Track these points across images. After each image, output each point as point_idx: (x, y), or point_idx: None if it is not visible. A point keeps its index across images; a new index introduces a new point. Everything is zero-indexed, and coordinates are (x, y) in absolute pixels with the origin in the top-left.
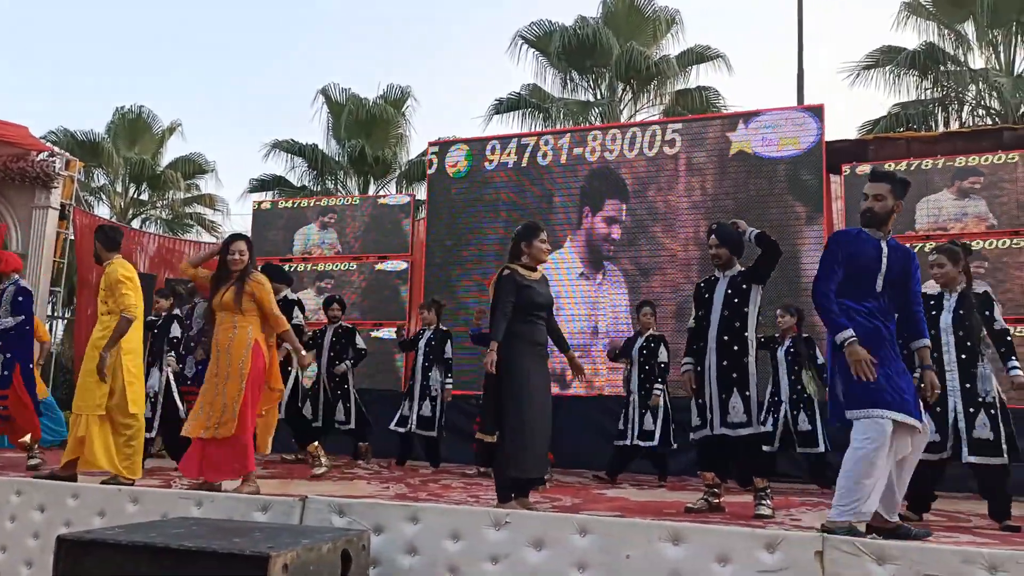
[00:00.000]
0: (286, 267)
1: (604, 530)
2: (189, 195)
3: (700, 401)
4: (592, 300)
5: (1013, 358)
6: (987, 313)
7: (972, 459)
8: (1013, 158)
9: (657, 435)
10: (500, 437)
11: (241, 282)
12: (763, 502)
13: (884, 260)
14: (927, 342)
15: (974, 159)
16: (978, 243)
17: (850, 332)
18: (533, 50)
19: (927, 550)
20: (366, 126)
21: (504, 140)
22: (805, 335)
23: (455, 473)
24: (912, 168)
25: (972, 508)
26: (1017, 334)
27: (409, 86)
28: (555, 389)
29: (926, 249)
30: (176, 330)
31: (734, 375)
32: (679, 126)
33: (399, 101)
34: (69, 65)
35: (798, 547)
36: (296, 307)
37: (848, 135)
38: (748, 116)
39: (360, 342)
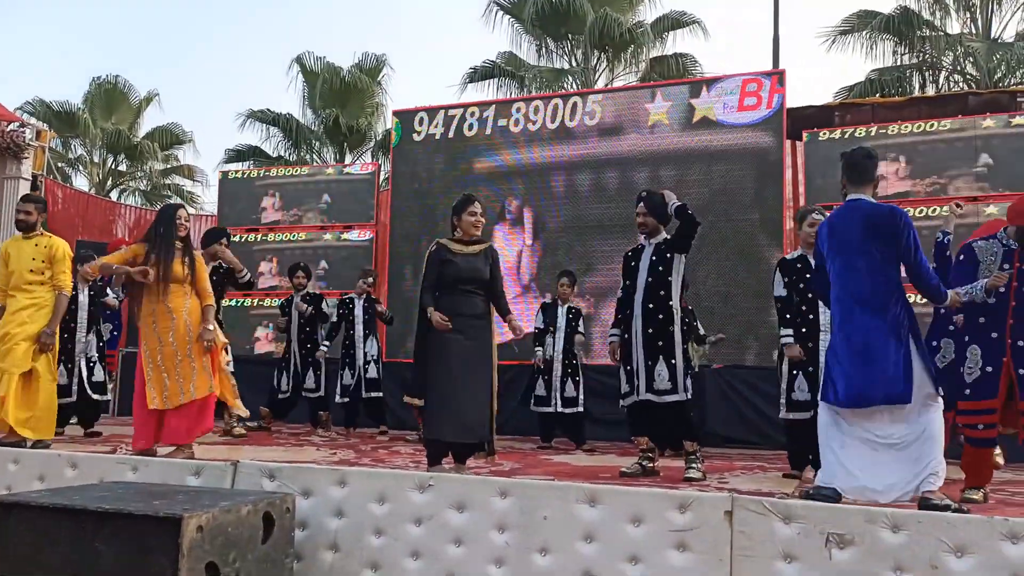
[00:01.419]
0: (253, 237)
1: (523, 492)
2: (167, 166)
3: (628, 368)
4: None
5: None
6: None
7: None
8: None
9: (580, 401)
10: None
11: (190, 255)
12: (693, 465)
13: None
14: None
15: (929, 126)
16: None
17: None
18: (508, 17)
19: (832, 509)
20: (341, 95)
21: (470, 108)
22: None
23: (408, 440)
24: (874, 133)
25: None
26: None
27: (384, 55)
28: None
29: None
30: (110, 298)
31: (660, 343)
32: (645, 92)
33: (374, 70)
34: (44, 35)
35: (709, 507)
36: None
37: (827, 101)
38: (711, 82)
39: (327, 307)
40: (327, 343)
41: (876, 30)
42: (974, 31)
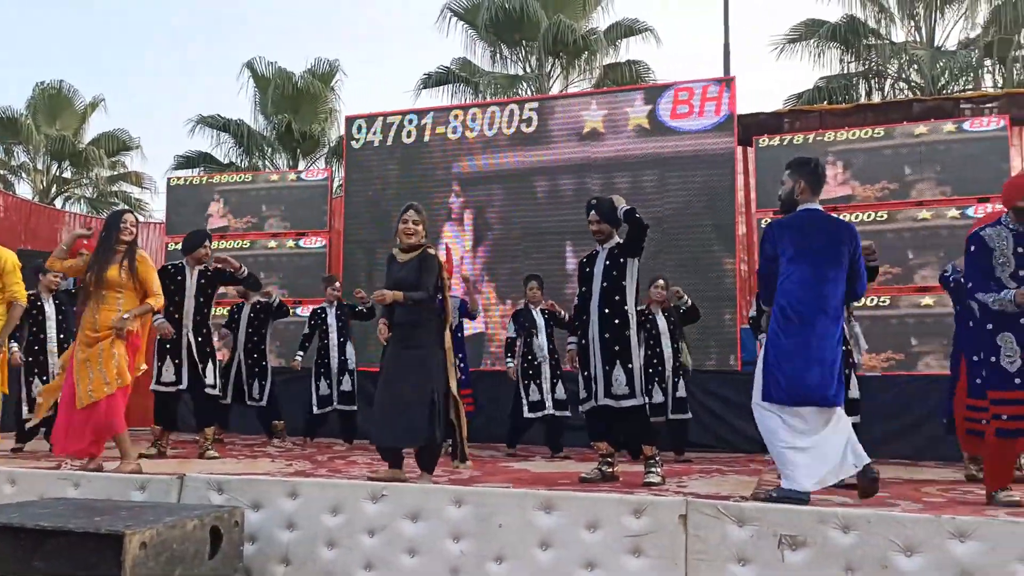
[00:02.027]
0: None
1: (478, 500)
2: (114, 172)
3: (586, 373)
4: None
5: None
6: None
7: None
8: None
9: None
10: None
11: (131, 259)
12: (652, 470)
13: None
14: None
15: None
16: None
17: None
18: (462, 23)
19: (784, 511)
20: (293, 101)
21: (424, 113)
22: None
23: (369, 449)
24: (822, 140)
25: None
26: (882, 304)
27: (337, 60)
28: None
29: None
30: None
31: (616, 347)
32: (597, 98)
33: (327, 75)
34: None
35: (664, 511)
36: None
37: (777, 107)
38: (662, 88)
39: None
40: (300, 353)
41: (823, 38)
42: (918, 39)
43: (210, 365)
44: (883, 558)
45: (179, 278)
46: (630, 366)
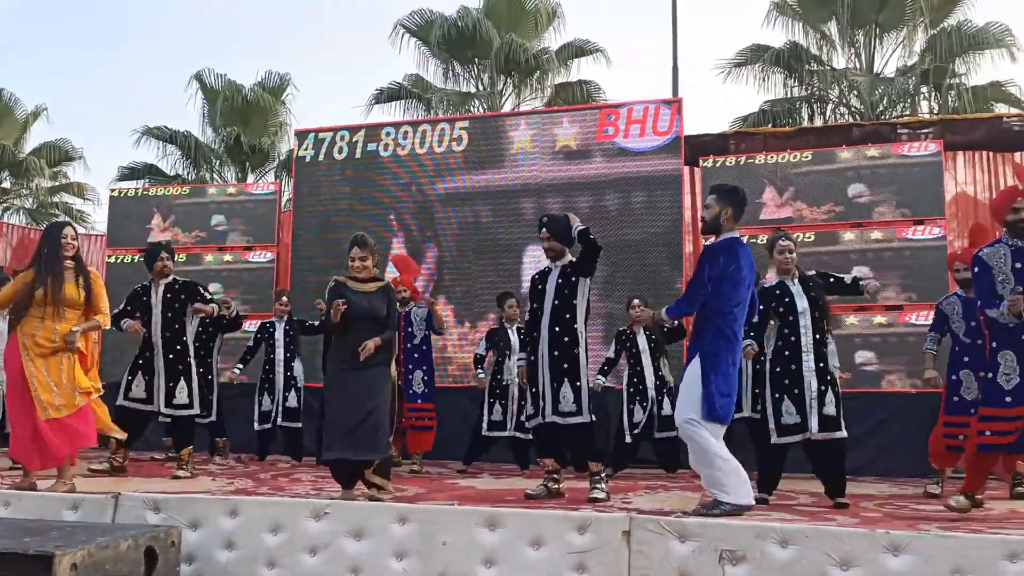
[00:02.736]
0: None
1: (422, 518)
2: (55, 183)
3: (534, 390)
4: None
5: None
6: (832, 280)
7: (820, 436)
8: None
9: (507, 424)
10: None
11: (85, 276)
12: (597, 486)
13: None
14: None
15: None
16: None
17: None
18: (415, 39)
19: (725, 526)
20: (243, 113)
21: (374, 129)
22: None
23: (315, 467)
24: (765, 162)
25: (805, 487)
26: (860, 323)
27: (288, 74)
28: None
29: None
30: None
31: (565, 365)
32: (547, 117)
33: (278, 89)
34: None
35: (607, 528)
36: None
37: (723, 129)
38: (611, 108)
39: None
40: (240, 365)
41: (768, 63)
42: (858, 66)
43: (182, 383)
44: (820, 572)
45: (144, 297)
46: (578, 384)
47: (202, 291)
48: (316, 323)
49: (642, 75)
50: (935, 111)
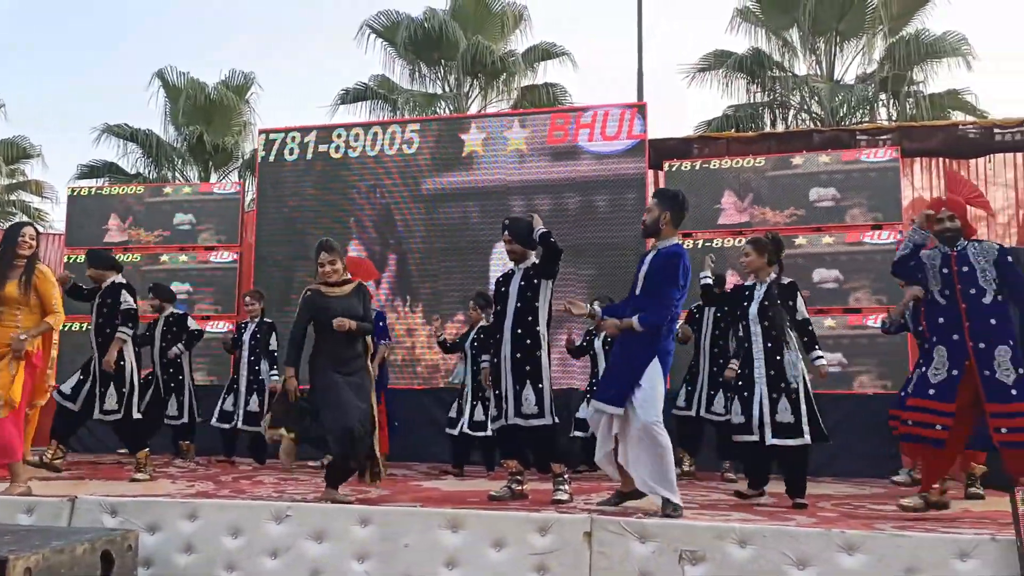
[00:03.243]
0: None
1: (384, 520)
2: (13, 181)
3: (497, 392)
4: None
5: (816, 347)
6: (790, 303)
7: (775, 441)
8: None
9: (489, 425)
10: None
11: (30, 274)
12: (561, 487)
13: (645, 265)
14: (631, 321)
15: (777, 160)
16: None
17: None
18: (381, 40)
19: (685, 527)
20: (206, 112)
21: (339, 129)
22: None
23: (276, 469)
24: (728, 166)
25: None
26: (819, 326)
27: (253, 72)
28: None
29: (738, 244)
30: None
31: (527, 367)
32: (512, 119)
33: (242, 88)
34: None
35: (569, 529)
36: (125, 291)
37: (688, 133)
38: (576, 111)
39: (193, 324)
40: (180, 346)
41: (731, 69)
42: (819, 73)
43: (111, 388)
44: (777, 571)
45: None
46: (540, 386)
47: (125, 299)
48: (274, 349)
49: (608, 79)
50: (893, 118)
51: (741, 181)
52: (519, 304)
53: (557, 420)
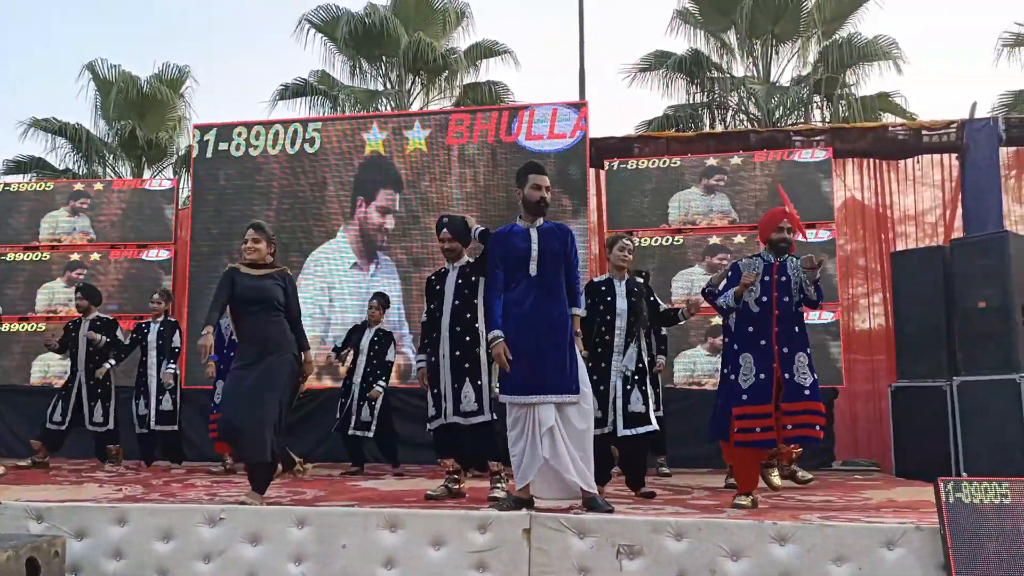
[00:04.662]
0: (33, 256)
1: (321, 520)
2: None
3: (435, 391)
4: (365, 291)
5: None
6: (652, 299)
7: (626, 432)
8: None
9: (373, 425)
10: None
11: None
12: (497, 485)
13: (534, 245)
14: (579, 311)
15: (715, 159)
16: (716, 237)
17: (497, 333)
18: (320, 35)
19: (622, 522)
20: (138, 106)
21: (276, 125)
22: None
23: (202, 470)
24: (667, 166)
25: (700, 482)
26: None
27: (188, 66)
28: (328, 382)
29: (677, 242)
30: None
31: (466, 365)
32: (454, 116)
33: (177, 82)
34: None
35: (507, 526)
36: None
37: (628, 132)
38: (519, 109)
39: (121, 334)
40: (112, 361)
41: (671, 69)
42: (756, 75)
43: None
44: (711, 562)
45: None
46: (479, 383)
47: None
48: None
49: (550, 77)
50: (827, 119)
51: (681, 179)
52: (457, 302)
53: (495, 417)
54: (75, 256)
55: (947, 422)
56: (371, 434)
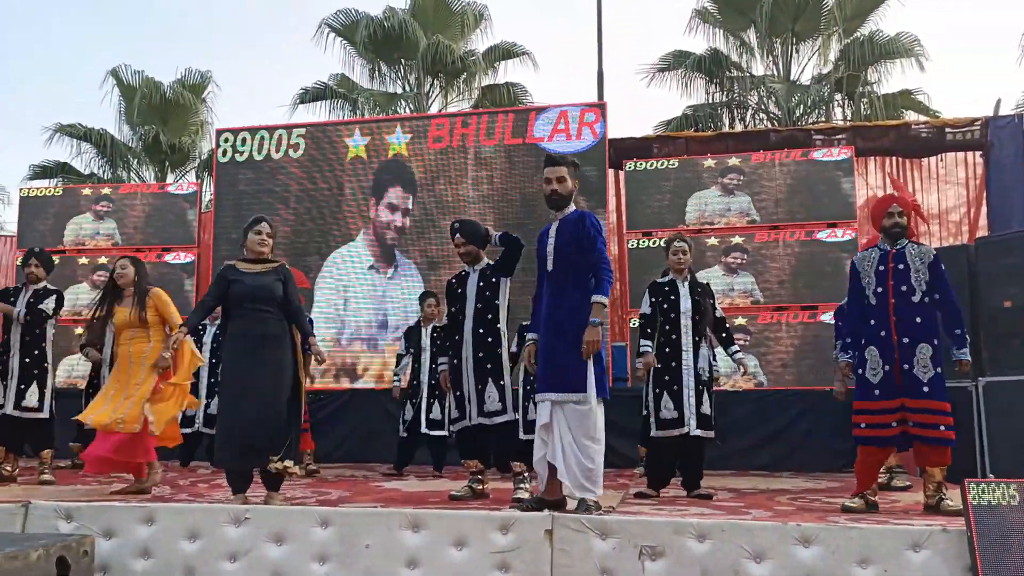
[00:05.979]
0: (57, 260)
1: (344, 521)
2: None
3: (458, 393)
4: (382, 293)
5: (735, 344)
6: (711, 301)
7: (698, 432)
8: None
9: (446, 424)
10: None
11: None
12: (521, 486)
13: (551, 240)
14: (601, 298)
15: (734, 159)
16: (739, 236)
17: (530, 336)
18: (340, 39)
19: (644, 523)
20: (162, 111)
21: (297, 129)
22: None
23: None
24: (686, 166)
25: (723, 483)
26: (775, 323)
27: (210, 71)
28: (346, 383)
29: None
30: None
31: (489, 365)
32: (474, 118)
33: (199, 87)
34: None
35: (529, 527)
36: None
37: (647, 133)
38: (537, 111)
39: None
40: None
41: (690, 69)
42: (776, 73)
43: (34, 387)
44: (734, 564)
45: (12, 299)
46: (502, 383)
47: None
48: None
49: (568, 78)
50: (848, 118)
51: (700, 179)
52: (479, 304)
53: (518, 416)
54: (99, 259)
55: (973, 423)
56: (446, 432)
